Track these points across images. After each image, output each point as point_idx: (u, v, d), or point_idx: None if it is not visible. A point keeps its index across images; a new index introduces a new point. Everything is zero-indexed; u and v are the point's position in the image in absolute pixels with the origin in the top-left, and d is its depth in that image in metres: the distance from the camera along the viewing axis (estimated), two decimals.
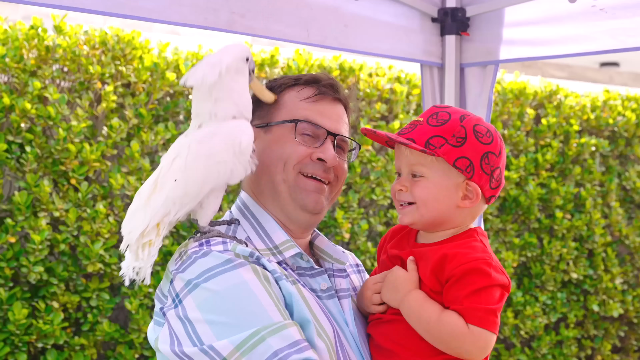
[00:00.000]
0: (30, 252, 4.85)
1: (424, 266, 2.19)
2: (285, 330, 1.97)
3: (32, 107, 4.94)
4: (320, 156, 2.25)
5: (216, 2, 2.88)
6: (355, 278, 2.51)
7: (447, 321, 2.11)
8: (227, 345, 1.94)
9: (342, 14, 3.29)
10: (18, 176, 5.00)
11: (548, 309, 7.09)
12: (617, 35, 3.21)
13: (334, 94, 2.32)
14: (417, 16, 3.57)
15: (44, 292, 4.96)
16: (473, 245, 2.20)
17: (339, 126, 2.32)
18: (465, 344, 2.12)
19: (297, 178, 2.25)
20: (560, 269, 7.11)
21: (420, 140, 2.18)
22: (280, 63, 5.98)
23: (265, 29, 3.03)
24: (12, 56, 4.94)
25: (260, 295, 2.01)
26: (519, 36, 3.51)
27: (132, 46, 5.35)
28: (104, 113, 5.26)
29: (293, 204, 2.25)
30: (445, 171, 2.19)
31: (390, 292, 2.20)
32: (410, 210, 2.23)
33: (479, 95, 3.59)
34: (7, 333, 4.79)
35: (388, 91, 6.35)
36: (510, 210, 6.91)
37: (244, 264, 2.06)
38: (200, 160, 2.09)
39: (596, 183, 7.41)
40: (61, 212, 4.97)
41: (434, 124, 2.19)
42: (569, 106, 7.28)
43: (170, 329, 2.04)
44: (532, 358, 6.97)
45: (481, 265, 2.13)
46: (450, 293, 2.13)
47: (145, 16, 2.74)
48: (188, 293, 2.02)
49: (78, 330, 5.16)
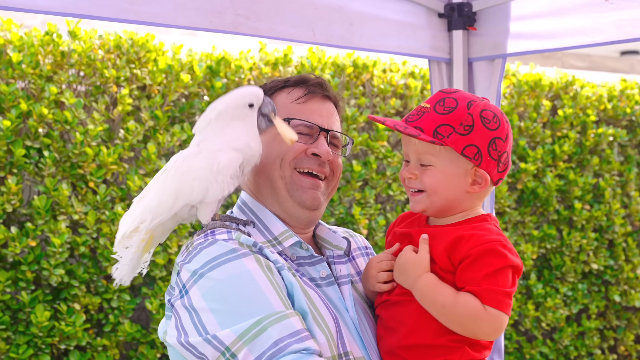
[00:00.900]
0: (50, 255, 4.93)
1: (436, 245, 2.21)
2: (287, 319, 2.01)
3: (49, 112, 5.01)
4: (315, 151, 2.31)
5: (221, 5, 2.92)
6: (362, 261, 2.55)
7: (464, 303, 2.13)
8: (229, 335, 1.99)
9: (348, 13, 3.32)
10: (37, 180, 5.08)
11: (569, 301, 7.08)
12: (623, 26, 3.21)
13: (322, 92, 2.38)
14: (423, 12, 3.59)
15: (65, 295, 5.03)
16: (488, 228, 2.22)
17: (330, 122, 2.38)
18: (483, 325, 2.14)
19: (293, 175, 2.31)
20: (581, 260, 7.10)
21: (428, 129, 2.20)
22: (294, 62, 6.01)
23: (271, 30, 3.07)
24: (28, 62, 5.01)
25: (262, 285, 2.05)
26: (525, 29, 3.52)
27: (146, 49, 5.41)
28: (120, 116, 5.33)
29: (291, 200, 2.31)
30: (453, 159, 2.21)
31: (401, 275, 2.23)
32: (421, 198, 2.26)
33: (488, 89, 3.61)
34: (30, 335, 4.87)
35: (402, 86, 6.37)
36: (529, 203, 6.90)
37: (248, 254, 2.11)
38: (178, 175, 2.18)
39: (615, 173, 7.38)
40: (80, 215, 5.04)
41: (442, 112, 2.21)
42: (586, 96, 7.26)
43: (177, 320, 2.09)
44: (554, 350, 6.97)
45: (497, 247, 2.15)
46: (466, 274, 2.15)
47: (150, 21, 2.78)
48: (194, 283, 2.08)
49: (100, 331, 5.23)
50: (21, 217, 5.06)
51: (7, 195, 4.85)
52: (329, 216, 5.91)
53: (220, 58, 5.69)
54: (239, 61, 5.77)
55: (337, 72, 6.15)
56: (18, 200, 4.91)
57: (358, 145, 6.04)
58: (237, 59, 5.81)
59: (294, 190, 2.30)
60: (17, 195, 4.89)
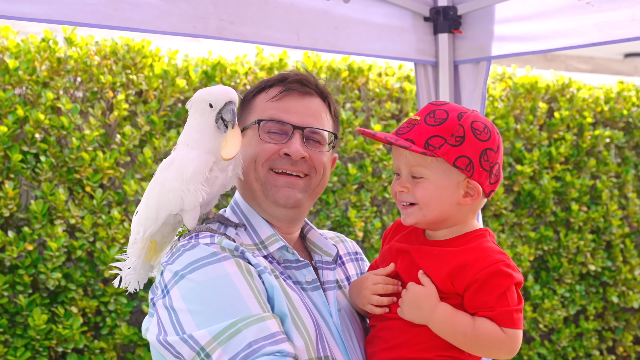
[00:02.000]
0: (47, 259, 4.98)
1: (436, 268, 2.20)
2: (262, 322, 2.04)
3: (46, 118, 5.08)
4: (286, 151, 2.31)
5: (205, 11, 2.97)
6: (352, 267, 2.56)
7: (484, 330, 2.14)
8: (205, 335, 2.03)
9: (333, 17, 3.36)
10: (34, 185, 5.14)
11: (567, 302, 7.10)
12: (604, 27, 3.25)
13: (301, 89, 2.36)
14: (409, 16, 3.63)
15: (62, 298, 5.09)
16: (489, 247, 2.21)
17: (307, 119, 2.35)
18: (504, 347, 2.16)
19: (268, 175, 2.32)
20: (578, 261, 7.12)
21: (419, 140, 2.18)
22: (290, 66, 6.06)
23: (255, 35, 3.11)
24: (24, 69, 5.08)
25: (241, 288, 2.09)
26: (509, 32, 3.57)
27: (142, 55, 5.47)
28: (116, 121, 5.38)
29: (267, 201, 2.33)
30: (445, 171, 2.20)
31: (414, 311, 2.20)
32: (413, 211, 2.24)
33: (473, 91, 3.65)
34: (27, 338, 4.92)
35: (398, 90, 6.41)
36: (525, 205, 6.94)
37: (228, 257, 2.15)
38: (156, 188, 2.24)
39: (612, 175, 7.41)
40: (77, 219, 5.10)
41: (432, 124, 2.19)
42: (582, 99, 7.29)
43: (158, 319, 2.14)
44: (552, 351, 6.99)
45: (502, 268, 2.15)
46: (477, 299, 2.15)
47: (135, 27, 2.83)
48: (175, 284, 2.12)
49: (97, 334, 5.28)
50: (18, 221, 5.12)
51: (4, 200, 4.91)
52: (324, 219, 5.95)
53: (216, 63, 5.74)
54: (235, 66, 5.83)
55: (332, 76, 6.20)
56: (15, 205, 4.97)
57: (354, 148, 6.08)
58: (232, 63, 5.87)
59: (268, 190, 2.32)
60: (14, 200, 4.95)
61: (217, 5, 2.99)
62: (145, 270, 2.38)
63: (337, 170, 6.01)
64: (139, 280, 2.37)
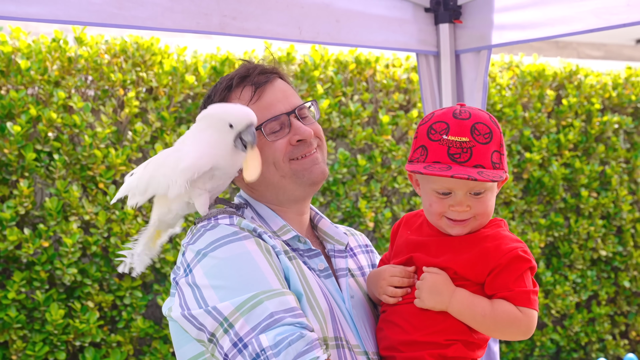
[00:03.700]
0: (63, 255, 5.08)
1: (457, 257, 2.27)
2: (283, 297, 2.12)
3: (58, 117, 5.17)
4: (298, 137, 2.35)
5: (207, 7, 3.04)
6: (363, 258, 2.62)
7: (502, 310, 2.21)
8: (228, 306, 2.10)
9: (334, 10, 3.41)
10: (48, 183, 5.24)
11: (578, 287, 7.15)
12: (601, 14, 3.29)
13: (267, 79, 2.38)
14: (409, 7, 3.68)
15: (79, 293, 5.19)
16: (506, 235, 2.28)
17: (289, 100, 2.39)
18: (521, 326, 2.23)
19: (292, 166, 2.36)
20: (589, 247, 7.16)
21: (486, 163, 2.20)
22: (297, 60, 6.13)
23: (257, 29, 3.17)
24: (36, 69, 5.17)
25: (261, 265, 2.17)
26: (509, 20, 3.61)
27: (151, 52, 5.55)
28: (128, 118, 5.47)
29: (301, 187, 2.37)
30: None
31: (434, 297, 2.24)
32: (469, 223, 2.27)
33: (475, 80, 3.70)
34: (45, 333, 5.03)
35: (405, 81, 6.47)
36: (535, 192, 6.98)
37: (249, 237, 2.22)
38: (151, 166, 2.31)
39: (621, 160, 7.43)
40: (91, 215, 5.19)
41: (484, 142, 2.21)
42: (590, 85, 7.31)
43: (181, 296, 2.21)
44: (564, 337, 7.04)
45: (521, 253, 2.22)
46: (497, 281, 2.22)
47: (139, 25, 2.90)
48: (197, 262, 2.20)
49: (114, 327, 5.38)
50: (34, 219, 5.22)
51: (20, 198, 5.01)
52: (335, 210, 6.02)
53: (224, 58, 5.82)
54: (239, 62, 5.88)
55: (340, 69, 6.26)
56: (30, 203, 5.07)
57: (362, 139, 6.14)
58: (241, 59, 5.93)
59: (301, 177, 2.36)
60: (29, 198, 5.05)
61: (220, 2, 3.06)
62: (148, 253, 2.44)
63: (347, 162, 6.07)
64: (143, 263, 2.43)
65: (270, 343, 2.04)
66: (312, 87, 6.02)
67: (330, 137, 6.15)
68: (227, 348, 2.10)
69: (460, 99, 3.74)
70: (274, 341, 2.04)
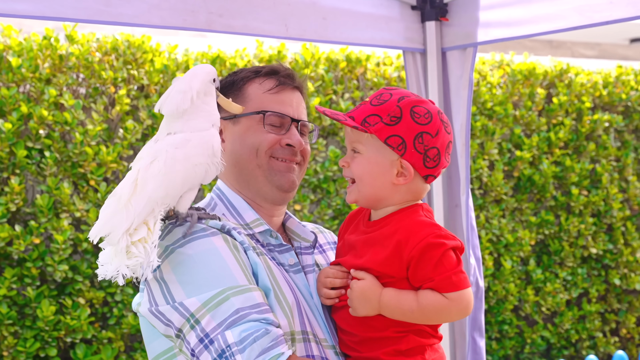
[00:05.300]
0: (54, 251, 5.11)
1: (377, 254, 2.29)
2: (249, 292, 2.16)
3: (49, 114, 5.20)
4: (289, 142, 2.44)
5: (194, 4, 3.06)
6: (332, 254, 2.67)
7: (427, 302, 2.23)
8: (194, 302, 2.14)
9: (320, 8, 3.44)
10: (39, 180, 5.27)
11: (569, 285, 7.19)
12: (584, 11, 3.33)
13: (292, 83, 2.51)
14: (396, 5, 3.71)
15: (70, 289, 5.21)
16: (419, 221, 2.30)
17: (299, 112, 2.51)
18: (451, 312, 2.26)
19: (270, 162, 2.44)
20: (579, 244, 7.20)
21: (358, 118, 2.30)
22: (288, 58, 6.16)
23: (244, 27, 3.20)
24: (27, 66, 5.20)
25: (228, 261, 2.21)
26: (494, 18, 3.64)
27: (142, 50, 5.58)
28: (119, 116, 5.50)
29: (269, 185, 2.44)
30: (378, 148, 2.30)
31: (364, 305, 2.28)
32: (352, 189, 2.34)
33: (461, 77, 3.73)
34: (36, 330, 5.05)
35: (396, 79, 6.50)
36: (525, 190, 7.02)
37: (216, 233, 2.27)
38: (179, 164, 2.26)
39: (612, 158, 7.47)
40: (82, 212, 5.22)
41: (375, 104, 2.31)
42: (580, 83, 7.35)
43: (149, 292, 2.25)
44: (555, 334, 7.07)
45: (432, 240, 2.23)
46: (417, 273, 2.24)
47: (126, 22, 2.93)
48: (165, 257, 2.23)
49: (105, 324, 5.41)
50: (25, 215, 5.24)
51: (11, 195, 5.04)
52: (326, 208, 6.05)
53: (216, 57, 5.85)
54: (234, 59, 5.93)
55: (330, 67, 6.29)
56: (21, 200, 5.09)
57: None
58: (232, 56, 5.97)
59: (272, 175, 2.44)
60: (20, 195, 5.07)
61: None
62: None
63: (337, 160, 6.10)
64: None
65: (236, 339, 2.08)
66: None
67: (321, 135, 6.18)
68: (193, 344, 2.13)
69: (447, 96, 3.78)
70: (239, 337, 2.08)
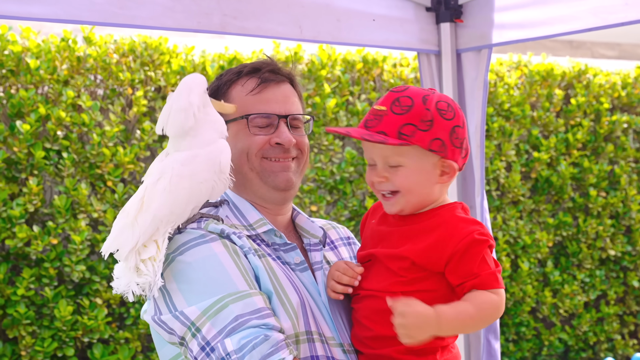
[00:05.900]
0: (72, 252, 5.15)
1: (414, 247, 2.26)
2: (249, 298, 2.15)
3: (67, 115, 5.23)
4: (277, 141, 2.41)
5: (208, 7, 3.08)
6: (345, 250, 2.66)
7: (482, 302, 2.19)
8: (194, 311, 2.15)
9: (334, 9, 3.44)
10: (57, 181, 5.31)
11: (587, 287, 7.15)
12: (599, 13, 3.31)
13: (276, 79, 2.45)
14: (410, 7, 3.71)
15: (87, 290, 5.25)
16: (462, 218, 2.29)
17: (287, 106, 2.45)
18: (500, 308, 2.23)
19: (262, 163, 2.42)
20: (598, 246, 7.16)
21: (391, 132, 2.22)
22: (305, 59, 6.17)
23: (258, 29, 3.21)
24: (45, 68, 5.24)
25: (228, 267, 2.20)
26: (509, 19, 3.63)
27: (159, 52, 5.61)
28: (136, 117, 5.53)
29: (265, 186, 2.43)
30: (421, 156, 2.25)
31: (422, 332, 2.18)
32: (397, 200, 2.29)
33: (475, 79, 3.72)
34: (54, 329, 5.09)
35: (412, 80, 6.50)
36: (543, 191, 6.99)
37: (216, 239, 2.26)
38: (184, 181, 2.25)
39: (630, 159, 7.43)
40: (99, 213, 5.25)
41: (400, 112, 2.24)
42: (599, 84, 7.31)
43: (154, 299, 2.26)
44: (572, 336, 7.04)
45: (477, 236, 2.22)
46: (460, 268, 2.21)
47: (140, 24, 2.95)
48: (167, 266, 2.24)
49: (122, 324, 5.44)
50: (43, 216, 5.29)
51: (29, 195, 5.08)
52: (342, 209, 6.06)
53: (232, 58, 5.87)
54: (251, 60, 5.94)
55: (347, 68, 6.30)
56: (39, 201, 5.13)
57: None
58: (249, 58, 5.99)
59: (267, 176, 2.42)
60: (38, 196, 5.11)
61: (220, 1, 3.09)
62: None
63: (354, 161, 6.11)
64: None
65: (235, 347, 2.08)
66: (319, 86, 6.05)
67: (337, 137, 6.19)
68: (196, 352, 2.14)
69: (461, 98, 3.77)
70: (238, 345, 2.08)
